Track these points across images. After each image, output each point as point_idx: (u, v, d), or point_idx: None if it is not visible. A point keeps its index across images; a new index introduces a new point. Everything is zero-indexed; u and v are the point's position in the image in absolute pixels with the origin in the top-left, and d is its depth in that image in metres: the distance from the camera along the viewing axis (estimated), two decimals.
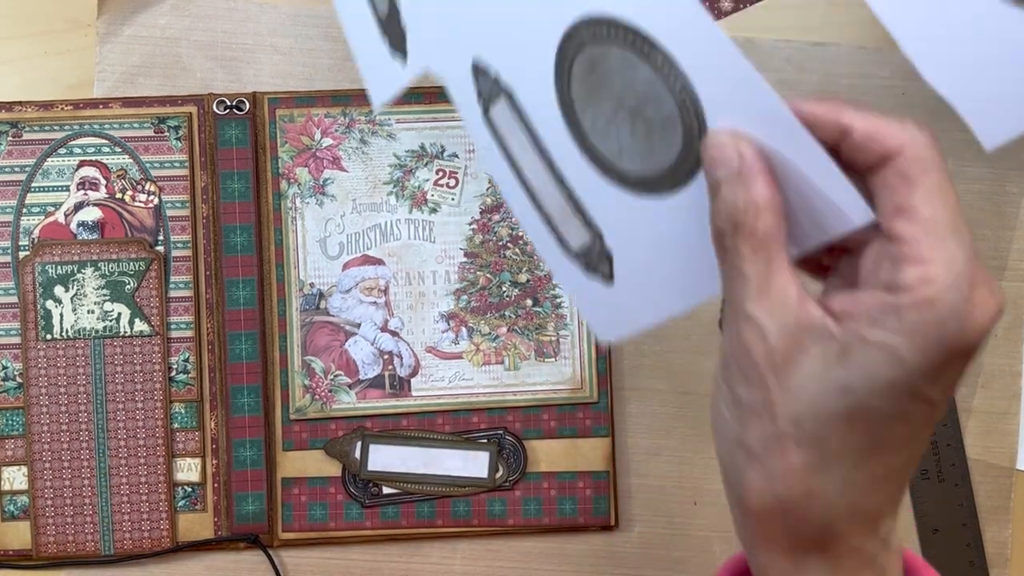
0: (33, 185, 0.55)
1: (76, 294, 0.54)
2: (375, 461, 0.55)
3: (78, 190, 0.55)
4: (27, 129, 0.55)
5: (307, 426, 0.55)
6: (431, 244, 0.56)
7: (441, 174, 0.56)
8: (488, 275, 0.55)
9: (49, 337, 0.54)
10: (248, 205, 0.55)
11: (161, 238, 0.55)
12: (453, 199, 0.56)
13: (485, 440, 0.55)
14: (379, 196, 0.56)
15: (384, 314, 0.56)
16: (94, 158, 0.55)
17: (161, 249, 0.55)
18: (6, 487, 0.54)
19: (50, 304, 0.54)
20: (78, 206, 0.55)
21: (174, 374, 0.55)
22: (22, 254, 0.54)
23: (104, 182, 0.55)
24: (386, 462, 0.55)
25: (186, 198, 0.55)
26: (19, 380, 0.54)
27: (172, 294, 0.55)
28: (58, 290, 0.54)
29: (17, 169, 0.55)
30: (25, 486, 0.54)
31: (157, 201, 0.55)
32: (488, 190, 0.56)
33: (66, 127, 0.55)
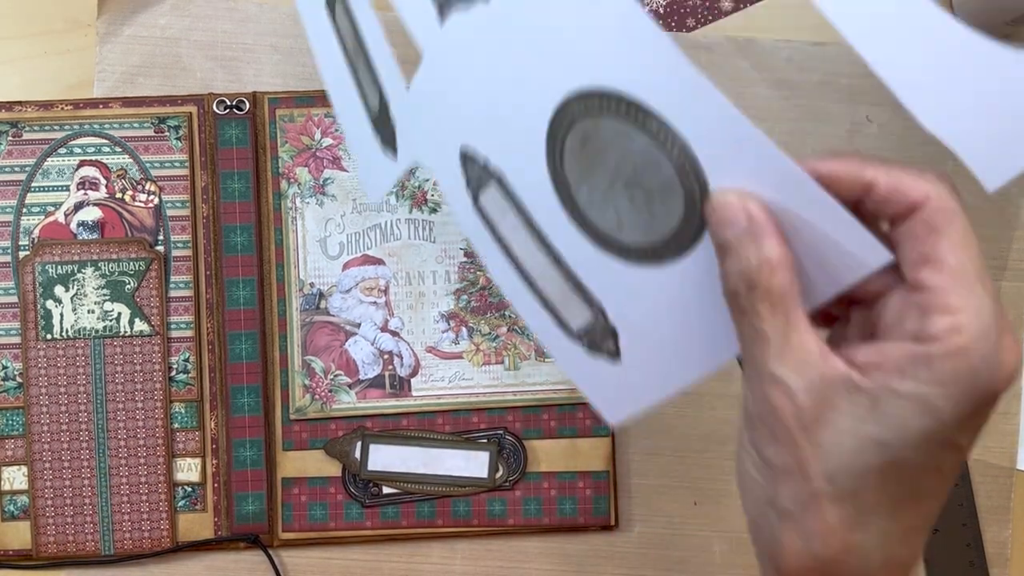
0: (33, 185, 0.55)
1: (76, 294, 0.54)
2: (375, 461, 0.55)
3: (78, 190, 0.55)
4: (27, 129, 0.55)
5: (307, 426, 0.55)
6: (431, 244, 0.56)
7: None
8: (488, 275, 0.55)
9: (49, 337, 0.54)
10: (248, 205, 0.55)
11: (161, 238, 0.55)
12: None
13: (485, 440, 0.55)
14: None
15: (384, 314, 0.56)
16: (94, 158, 0.55)
17: (161, 249, 0.55)
18: (6, 487, 0.54)
19: (50, 304, 0.54)
20: (78, 206, 0.55)
21: (174, 374, 0.55)
22: (22, 254, 0.54)
23: (104, 182, 0.55)
24: (386, 462, 0.55)
25: (186, 198, 0.55)
26: (19, 380, 0.54)
27: (172, 294, 0.55)
28: (58, 290, 0.54)
29: (17, 169, 0.55)
30: (25, 486, 0.54)
31: (157, 201, 0.55)
32: None
33: (66, 127, 0.55)
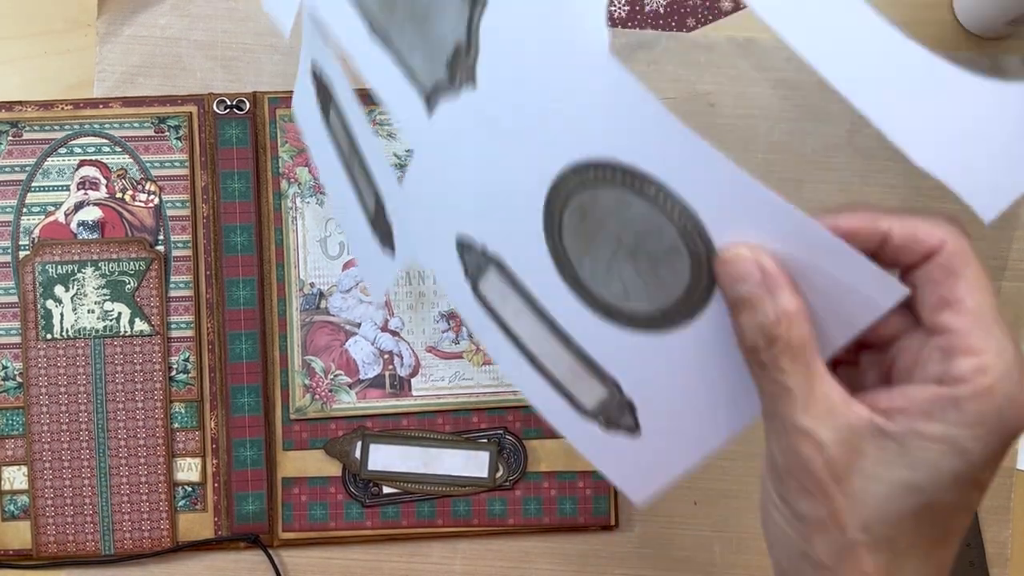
0: (33, 185, 0.55)
1: (76, 294, 0.54)
2: (375, 461, 0.55)
3: (78, 190, 0.55)
4: (27, 129, 0.55)
5: (307, 426, 0.55)
6: None
7: None
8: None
9: (49, 337, 0.54)
10: (248, 205, 0.55)
11: (161, 238, 0.55)
12: None
13: (485, 440, 0.55)
14: None
15: (384, 314, 0.56)
16: (94, 158, 0.55)
17: (161, 249, 0.55)
18: (6, 487, 0.54)
19: (50, 304, 0.54)
20: (78, 206, 0.55)
21: (174, 374, 0.55)
22: (22, 254, 0.54)
23: (104, 182, 0.55)
24: (386, 462, 0.55)
25: (186, 198, 0.55)
26: (19, 380, 0.54)
27: (172, 294, 0.55)
28: (58, 290, 0.54)
29: (17, 169, 0.55)
30: (25, 486, 0.54)
31: (157, 201, 0.55)
32: None
33: (66, 127, 0.55)
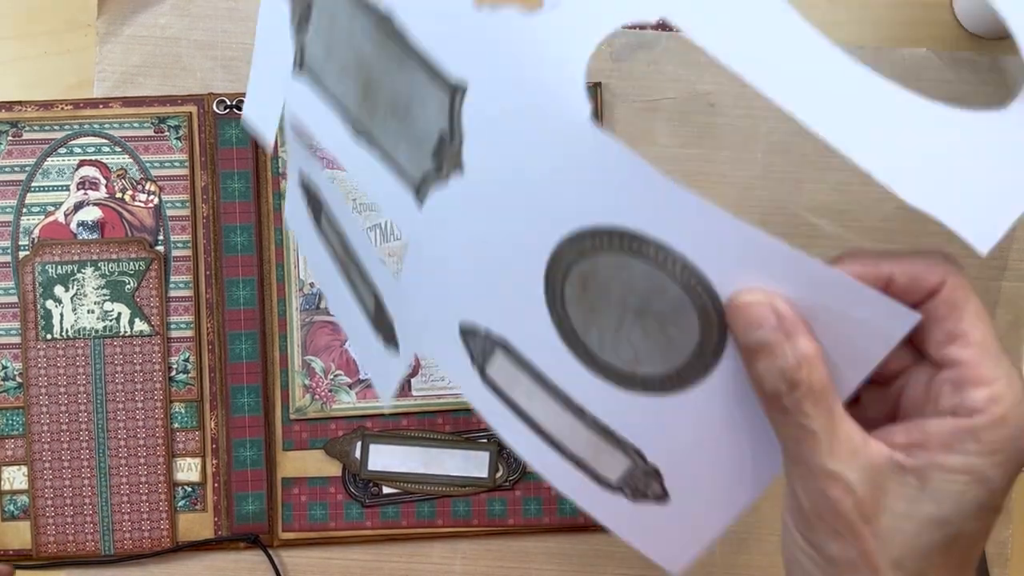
0: (33, 185, 0.55)
1: (76, 294, 0.54)
2: (375, 461, 0.55)
3: (78, 190, 0.55)
4: (27, 129, 0.55)
5: (307, 426, 0.55)
6: None
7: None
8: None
9: (49, 337, 0.54)
10: (248, 205, 0.55)
11: (161, 238, 0.55)
12: None
13: (485, 440, 0.55)
14: None
15: None
16: (94, 158, 0.55)
17: (161, 249, 0.55)
18: (6, 487, 0.54)
19: (50, 304, 0.54)
20: (78, 206, 0.55)
21: (174, 374, 0.55)
22: (22, 254, 0.54)
23: (104, 182, 0.55)
24: (386, 462, 0.55)
25: (186, 198, 0.55)
26: (19, 380, 0.54)
27: (172, 294, 0.55)
28: (58, 290, 0.54)
29: (17, 169, 0.55)
30: (25, 486, 0.54)
31: (157, 201, 0.55)
32: None
33: (66, 127, 0.55)
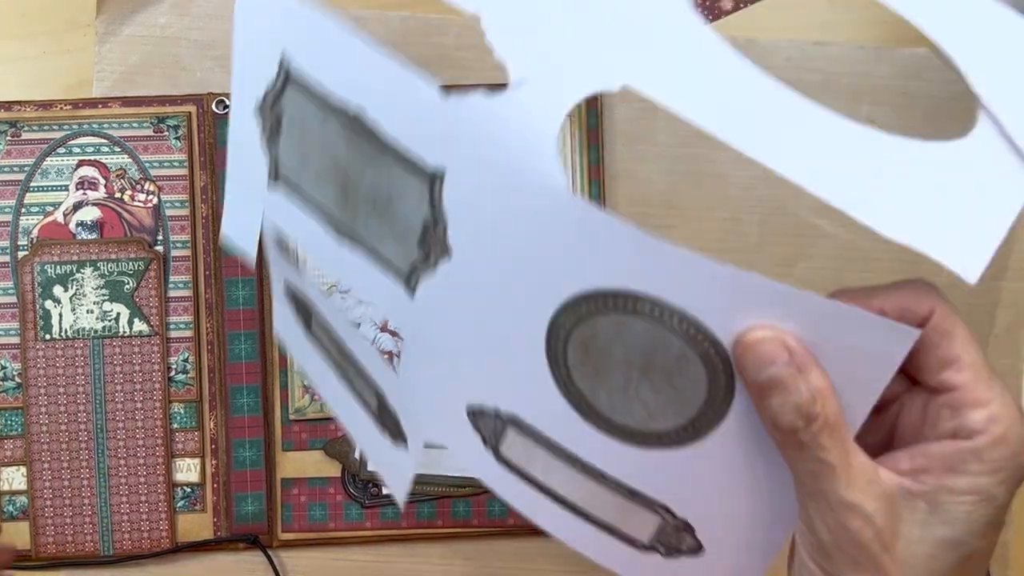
0: (32, 185, 0.55)
1: (75, 294, 0.54)
2: None
3: (77, 190, 0.55)
4: (26, 128, 0.55)
5: (307, 426, 0.55)
6: None
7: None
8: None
9: (48, 337, 0.54)
10: None
11: (160, 238, 0.55)
12: None
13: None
14: None
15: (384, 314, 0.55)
16: (93, 158, 0.55)
17: (160, 249, 0.55)
18: (5, 487, 0.54)
19: (49, 304, 0.54)
20: (77, 206, 0.55)
21: (173, 374, 0.55)
22: (21, 254, 0.54)
23: (103, 182, 0.55)
24: None
25: (185, 198, 0.55)
26: (18, 380, 0.54)
27: (171, 294, 0.55)
28: (57, 290, 0.54)
29: (16, 168, 0.55)
30: (24, 486, 0.54)
31: (156, 201, 0.55)
32: None
33: (65, 127, 0.55)
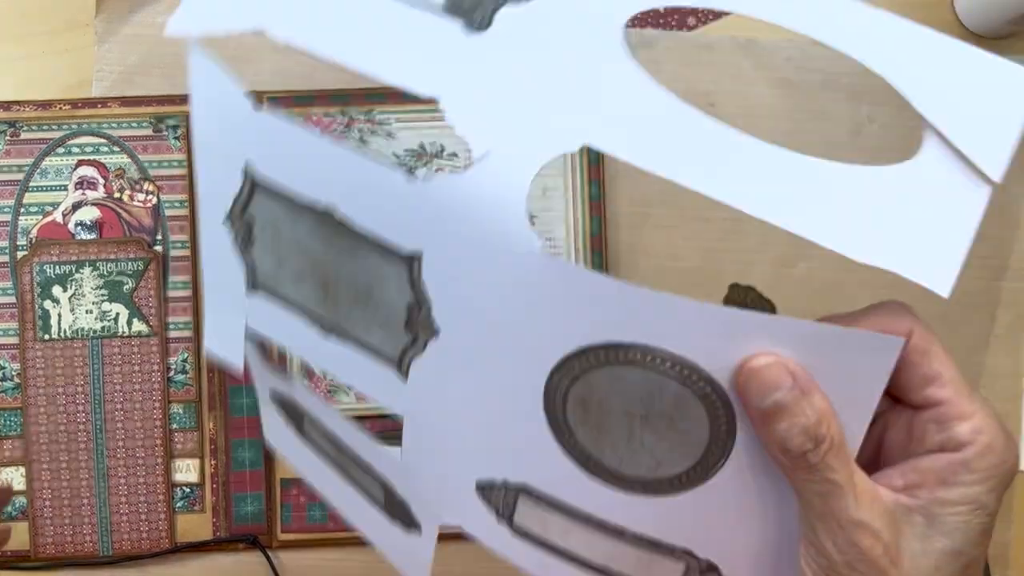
0: (31, 184, 0.55)
1: (74, 294, 0.54)
2: None
3: (76, 189, 0.55)
4: (25, 128, 0.55)
5: None
6: None
7: (441, 173, 0.55)
8: None
9: (47, 337, 0.54)
10: None
11: (159, 238, 0.55)
12: None
13: None
14: None
15: None
16: (92, 157, 0.55)
17: (159, 249, 0.55)
18: None
19: (48, 304, 0.54)
20: (76, 206, 0.55)
21: (172, 374, 0.54)
22: (20, 254, 0.54)
23: (102, 181, 0.55)
24: None
25: (184, 198, 0.55)
26: (17, 380, 0.54)
27: (170, 294, 0.55)
28: (56, 290, 0.54)
29: (15, 168, 0.55)
30: (23, 487, 0.54)
31: (155, 201, 0.55)
32: None
33: (64, 126, 0.55)
